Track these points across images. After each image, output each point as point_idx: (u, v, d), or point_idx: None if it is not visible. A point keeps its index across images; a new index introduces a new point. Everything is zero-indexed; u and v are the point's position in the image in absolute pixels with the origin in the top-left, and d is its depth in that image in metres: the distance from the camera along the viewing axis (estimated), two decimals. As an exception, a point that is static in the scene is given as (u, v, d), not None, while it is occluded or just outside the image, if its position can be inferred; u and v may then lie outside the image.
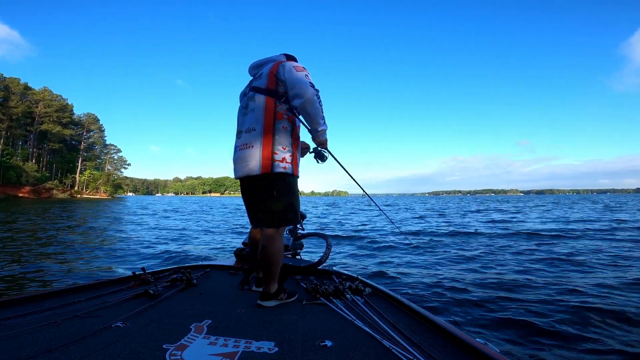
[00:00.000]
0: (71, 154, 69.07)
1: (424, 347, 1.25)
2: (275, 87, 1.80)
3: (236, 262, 2.79)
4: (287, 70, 1.78)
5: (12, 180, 51.97)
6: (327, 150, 2.01)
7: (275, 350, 1.23)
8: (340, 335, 1.38)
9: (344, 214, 21.12)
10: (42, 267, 5.31)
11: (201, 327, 1.41)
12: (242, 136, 1.85)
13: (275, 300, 1.77)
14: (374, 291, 1.98)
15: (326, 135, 1.93)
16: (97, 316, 1.50)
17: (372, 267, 5.50)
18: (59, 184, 63.77)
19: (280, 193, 1.77)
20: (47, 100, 63.72)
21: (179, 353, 1.17)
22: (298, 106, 1.77)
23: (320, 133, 1.88)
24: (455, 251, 6.82)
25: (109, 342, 1.23)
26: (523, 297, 3.69)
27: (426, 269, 5.23)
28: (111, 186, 76.34)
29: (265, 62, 1.96)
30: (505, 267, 5.23)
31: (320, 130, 1.86)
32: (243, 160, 1.81)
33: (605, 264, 5.31)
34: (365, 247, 7.76)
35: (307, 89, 1.72)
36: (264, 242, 1.79)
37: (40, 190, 56.96)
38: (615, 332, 2.77)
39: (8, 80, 57.84)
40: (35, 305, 1.59)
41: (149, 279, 2.07)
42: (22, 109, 57.15)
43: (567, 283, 4.21)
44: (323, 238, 2.68)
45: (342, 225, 13.56)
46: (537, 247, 7.12)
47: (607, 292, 3.79)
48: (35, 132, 61.42)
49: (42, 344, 1.19)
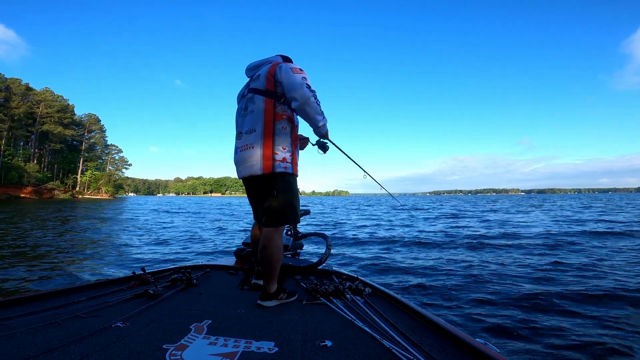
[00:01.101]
0: (72, 155, 69.25)
1: (424, 347, 1.24)
2: (274, 89, 1.82)
3: (236, 262, 2.79)
4: (284, 72, 1.80)
5: (13, 181, 52.12)
6: (329, 140, 2.04)
7: (275, 350, 1.23)
8: (340, 335, 1.37)
9: (345, 213, 21.10)
10: (41, 267, 5.33)
11: (201, 327, 1.41)
12: (243, 137, 1.87)
13: (275, 300, 1.78)
14: (374, 291, 1.98)
15: (327, 128, 1.95)
16: (97, 316, 1.50)
17: (373, 266, 5.50)
18: (61, 184, 63.91)
19: (280, 192, 1.79)
20: (49, 101, 63.85)
21: (179, 353, 1.17)
22: (296, 108, 1.79)
23: (321, 128, 1.90)
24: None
25: (109, 342, 1.23)
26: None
27: (434, 269, 5.23)
28: (112, 186, 76.44)
29: (262, 63, 1.98)
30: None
31: (320, 126, 1.89)
32: (245, 161, 1.83)
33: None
34: (365, 246, 7.76)
35: (304, 91, 1.74)
36: (264, 241, 1.80)
37: (41, 190, 57.10)
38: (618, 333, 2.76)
39: (9, 81, 57.99)
40: (35, 305, 1.59)
41: (149, 279, 2.07)
42: (23, 109, 57.30)
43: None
44: (323, 238, 2.68)
45: (343, 225, 13.56)
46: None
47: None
48: (36, 133, 61.57)
49: (42, 344, 1.19)
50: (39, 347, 1.17)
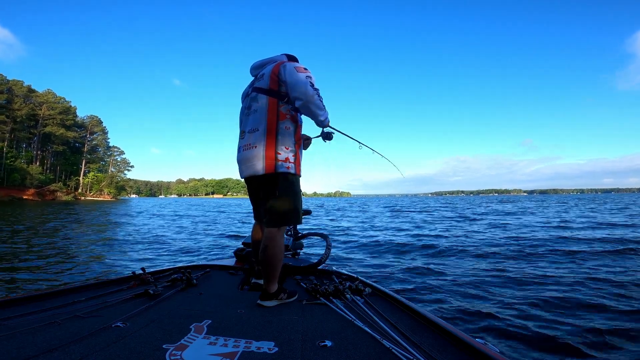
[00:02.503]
0: (75, 156, 69.52)
1: (424, 347, 1.24)
2: (278, 88, 1.82)
3: (236, 262, 2.79)
4: (288, 72, 1.80)
5: (16, 183, 52.33)
6: (331, 127, 2.06)
7: (275, 350, 1.23)
8: (340, 335, 1.37)
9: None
10: (41, 268, 5.34)
11: (201, 327, 1.41)
12: (246, 137, 1.87)
13: (275, 300, 1.77)
14: (374, 291, 1.98)
15: (329, 119, 1.96)
16: (97, 316, 1.50)
17: (372, 266, 5.49)
18: (63, 186, 64.14)
19: (282, 192, 1.78)
20: (51, 103, 64.16)
21: (178, 353, 1.17)
22: (299, 107, 1.81)
23: (323, 121, 1.93)
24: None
25: (109, 342, 1.23)
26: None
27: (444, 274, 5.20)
28: (115, 188, 76.69)
29: (267, 62, 1.99)
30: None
31: (322, 120, 1.91)
32: (247, 160, 1.83)
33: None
34: (366, 247, 7.75)
35: (307, 90, 1.75)
36: (265, 241, 1.80)
37: (44, 192, 57.30)
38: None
39: (12, 83, 58.30)
40: (35, 305, 1.59)
41: (149, 279, 2.07)
42: (25, 111, 57.58)
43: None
44: (323, 238, 2.68)
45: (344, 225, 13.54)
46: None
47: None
48: (39, 135, 61.84)
49: (42, 344, 1.19)
50: (39, 347, 1.17)
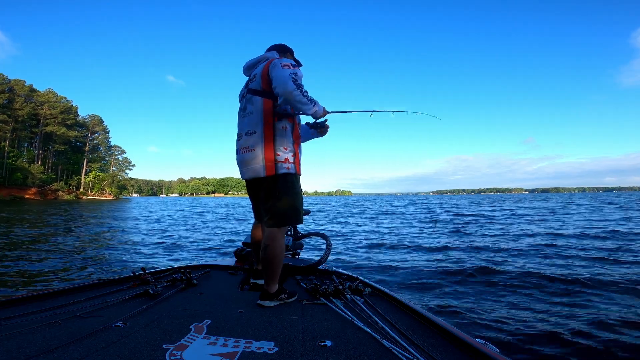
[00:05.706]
0: (76, 156, 69.69)
1: (424, 347, 1.24)
2: (270, 88, 1.79)
3: (236, 262, 2.80)
4: (272, 68, 1.78)
5: (18, 182, 52.50)
6: (335, 111, 2.06)
7: (275, 350, 1.23)
8: (340, 335, 1.37)
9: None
10: (41, 268, 5.36)
11: (201, 327, 1.41)
12: (243, 139, 1.86)
13: (276, 300, 1.77)
14: (374, 291, 1.98)
15: (320, 110, 1.91)
16: (97, 316, 1.50)
17: (372, 266, 5.49)
18: (65, 185, 64.31)
19: (283, 193, 1.78)
20: (52, 102, 64.26)
21: (178, 353, 1.17)
22: (281, 103, 1.75)
23: (312, 113, 1.88)
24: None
25: (109, 342, 1.24)
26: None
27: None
28: (116, 187, 76.88)
29: (259, 60, 1.97)
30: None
31: (311, 114, 1.87)
32: (247, 163, 1.83)
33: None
34: (365, 246, 7.75)
35: (287, 86, 1.68)
36: (266, 241, 1.80)
37: (46, 191, 57.48)
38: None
39: (13, 82, 58.41)
40: (35, 305, 1.60)
41: (149, 279, 2.08)
42: (27, 110, 57.68)
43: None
44: (323, 238, 2.68)
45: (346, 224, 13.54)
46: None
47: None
48: (40, 134, 62.04)
49: (42, 344, 1.19)
50: (39, 347, 1.17)
